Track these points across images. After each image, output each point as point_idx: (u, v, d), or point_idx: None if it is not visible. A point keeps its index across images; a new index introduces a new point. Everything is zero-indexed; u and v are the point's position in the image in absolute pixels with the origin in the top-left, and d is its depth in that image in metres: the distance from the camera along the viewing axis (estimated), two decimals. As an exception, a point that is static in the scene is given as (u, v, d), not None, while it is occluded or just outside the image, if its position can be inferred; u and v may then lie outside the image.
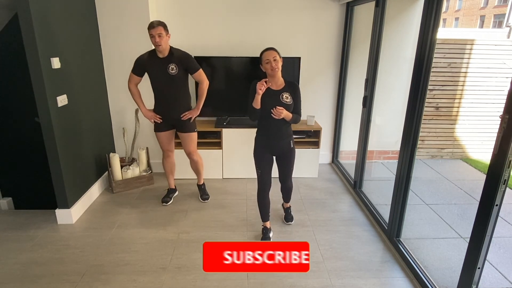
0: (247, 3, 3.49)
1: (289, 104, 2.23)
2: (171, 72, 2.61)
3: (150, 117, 2.79)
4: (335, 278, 2.14)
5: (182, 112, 2.77)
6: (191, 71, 2.70)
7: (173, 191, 3.19)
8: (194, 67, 2.69)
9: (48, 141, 2.52)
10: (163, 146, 2.95)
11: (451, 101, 4.42)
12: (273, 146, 2.38)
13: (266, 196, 2.48)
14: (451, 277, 2.11)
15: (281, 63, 2.21)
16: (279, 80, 2.27)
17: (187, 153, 2.96)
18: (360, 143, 3.16)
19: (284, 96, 2.23)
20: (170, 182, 3.17)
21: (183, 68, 2.66)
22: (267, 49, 2.22)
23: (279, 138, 2.34)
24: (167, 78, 2.63)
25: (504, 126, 1.41)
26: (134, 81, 2.72)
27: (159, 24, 2.50)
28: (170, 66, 2.61)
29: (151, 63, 2.64)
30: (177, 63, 2.62)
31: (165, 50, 2.59)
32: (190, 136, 2.87)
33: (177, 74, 2.63)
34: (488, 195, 1.51)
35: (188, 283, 2.08)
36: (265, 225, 2.56)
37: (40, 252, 2.37)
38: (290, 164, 2.48)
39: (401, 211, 2.37)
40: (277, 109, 2.15)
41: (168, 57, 2.62)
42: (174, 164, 3.11)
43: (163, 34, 2.51)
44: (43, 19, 2.37)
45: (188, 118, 2.80)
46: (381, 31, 2.78)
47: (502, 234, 2.88)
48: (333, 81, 3.80)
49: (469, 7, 20.81)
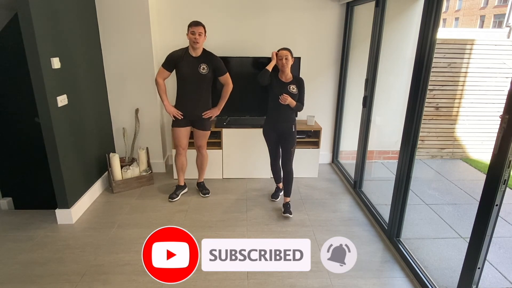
0: (247, 3, 3.49)
1: (294, 94, 2.68)
2: (202, 71, 2.75)
3: (171, 112, 2.87)
4: (335, 278, 2.14)
5: (203, 111, 2.90)
6: (220, 73, 2.84)
7: (182, 188, 3.21)
8: (223, 70, 2.85)
9: (48, 141, 2.52)
10: (178, 141, 3.00)
11: (451, 101, 4.42)
12: (278, 127, 2.81)
13: (277, 164, 3.01)
14: (451, 277, 2.11)
15: (291, 62, 2.65)
16: (288, 75, 2.70)
17: (197, 146, 3.07)
18: (360, 143, 3.16)
19: (291, 87, 2.68)
20: (180, 179, 3.20)
21: (212, 69, 2.79)
22: (283, 49, 2.65)
23: (282, 121, 2.77)
24: (197, 77, 2.76)
25: (504, 126, 1.41)
26: (163, 76, 2.81)
27: (201, 24, 2.69)
28: (202, 65, 2.74)
29: (184, 60, 2.75)
30: (208, 64, 2.76)
31: (199, 50, 2.74)
32: (205, 134, 3.03)
33: (207, 74, 2.77)
34: (488, 195, 1.51)
35: (188, 283, 2.08)
36: (278, 186, 3.18)
37: (40, 252, 2.37)
38: (290, 145, 2.80)
39: (401, 211, 2.37)
40: (284, 96, 2.61)
41: (200, 57, 2.76)
42: (186, 161, 3.16)
43: (202, 34, 2.69)
44: (43, 19, 2.37)
45: (208, 117, 2.92)
46: (381, 31, 2.78)
47: (502, 234, 2.88)
48: (333, 81, 3.80)
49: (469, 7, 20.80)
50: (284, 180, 2.90)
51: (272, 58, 2.70)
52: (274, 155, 2.97)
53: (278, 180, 3.14)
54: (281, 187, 3.13)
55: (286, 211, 2.85)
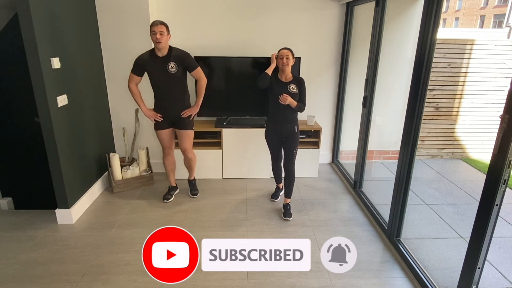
0: (247, 3, 3.49)
1: (294, 94, 2.63)
2: (170, 70, 2.67)
3: (150, 116, 2.83)
4: (335, 278, 2.14)
5: (182, 110, 2.83)
6: (190, 69, 2.75)
7: (174, 188, 3.20)
8: (192, 65, 2.75)
9: (48, 141, 2.52)
10: (163, 143, 2.98)
11: (451, 101, 4.42)
12: (280, 129, 2.76)
13: (278, 165, 2.99)
14: (451, 277, 2.11)
15: (291, 62, 2.61)
16: (288, 74, 2.66)
17: (183, 150, 3.01)
18: (360, 143, 3.16)
19: (291, 87, 2.63)
20: (171, 180, 3.19)
21: (182, 66, 2.72)
22: (284, 48, 2.62)
23: (284, 122, 2.73)
24: (167, 77, 2.69)
25: (504, 126, 1.41)
26: (134, 81, 2.76)
27: (162, 23, 2.59)
28: (170, 64, 2.66)
29: (150, 62, 2.68)
30: (176, 62, 2.68)
31: (164, 49, 2.65)
32: (187, 134, 2.93)
33: (176, 72, 2.69)
34: (488, 195, 1.51)
35: (188, 283, 2.08)
36: (278, 186, 3.16)
37: (40, 252, 2.37)
38: (293, 146, 2.77)
39: (401, 211, 2.37)
40: (283, 96, 2.57)
41: (167, 56, 2.67)
42: (174, 162, 3.14)
43: (165, 33, 2.59)
44: (43, 19, 2.37)
45: (188, 116, 2.85)
46: (381, 31, 2.78)
47: (502, 234, 2.88)
48: (333, 81, 3.80)
49: (469, 7, 20.79)
50: (286, 181, 2.88)
51: (271, 61, 2.66)
52: (276, 157, 2.94)
53: (278, 180, 3.13)
54: (281, 187, 3.13)
55: (286, 213, 2.83)
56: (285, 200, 2.91)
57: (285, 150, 2.83)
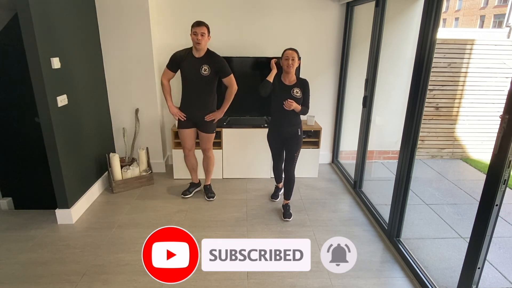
0: (247, 4, 3.49)
1: (298, 98, 2.56)
2: (203, 72, 2.69)
3: (175, 114, 2.86)
4: (335, 278, 2.14)
5: (206, 113, 2.85)
6: (223, 75, 2.77)
7: (195, 185, 3.22)
8: (226, 71, 2.76)
9: (48, 141, 2.52)
10: (185, 143, 2.99)
11: (451, 101, 4.42)
12: (283, 132, 2.71)
13: (280, 167, 2.95)
14: (451, 277, 2.12)
15: (297, 64, 2.53)
16: (292, 77, 2.59)
17: (203, 149, 3.05)
18: (360, 143, 3.16)
19: (295, 90, 2.55)
20: (193, 177, 3.23)
21: (215, 70, 2.73)
22: (290, 49, 2.53)
23: (288, 125, 2.68)
24: (198, 78, 2.71)
25: (504, 126, 1.41)
26: (167, 76, 2.80)
27: (204, 24, 2.61)
28: (203, 66, 2.69)
29: (186, 60, 2.71)
30: (210, 65, 2.70)
31: (202, 50, 2.68)
32: (208, 136, 2.98)
33: (208, 75, 2.71)
34: (488, 195, 1.51)
35: (188, 283, 2.08)
36: (277, 186, 3.15)
37: (40, 252, 2.37)
38: (295, 149, 2.72)
39: (401, 211, 2.37)
40: (288, 102, 2.49)
41: (203, 58, 2.70)
42: (196, 161, 3.16)
43: (205, 34, 2.62)
44: (43, 19, 2.37)
45: (211, 120, 2.87)
46: (381, 31, 2.78)
47: (502, 234, 2.88)
48: (333, 81, 3.80)
49: (469, 7, 20.79)
50: (285, 184, 2.85)
51: (271, 67, 2.59)
52: (277, 159, 2.92)
53: (278, 180, 3.12)
54: (281, 186, 3.13)
55: (285, 214, 2.82)
56: (284, 201, 2.90)
57: (286, 152, 2.79)
